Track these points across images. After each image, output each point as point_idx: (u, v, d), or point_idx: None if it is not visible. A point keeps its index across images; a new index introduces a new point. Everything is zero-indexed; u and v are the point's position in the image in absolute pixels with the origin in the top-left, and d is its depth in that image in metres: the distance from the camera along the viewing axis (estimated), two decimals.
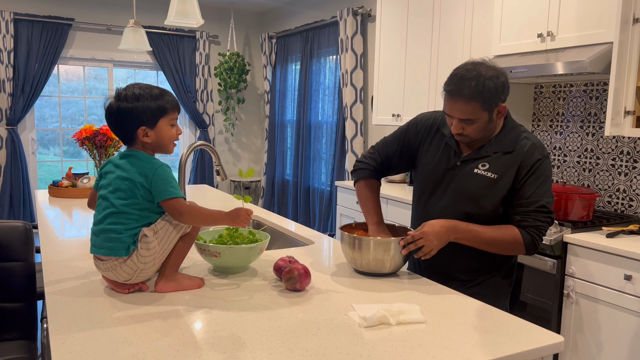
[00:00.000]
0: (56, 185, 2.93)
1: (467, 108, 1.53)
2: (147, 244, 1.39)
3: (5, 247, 1.82)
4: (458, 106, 1.54)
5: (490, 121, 1.58)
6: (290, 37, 5.94)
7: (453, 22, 3.35)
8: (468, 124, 1.56)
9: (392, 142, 1.82)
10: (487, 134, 1.62)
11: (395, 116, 3.91)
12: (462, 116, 1.55)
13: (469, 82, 1.52)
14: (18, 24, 5.28)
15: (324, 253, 1.90)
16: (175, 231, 1.43)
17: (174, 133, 1.47)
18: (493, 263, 1.68)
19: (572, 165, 3.01)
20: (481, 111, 1.54)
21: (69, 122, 7.81)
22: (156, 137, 1.43)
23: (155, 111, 1.42)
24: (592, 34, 2.47)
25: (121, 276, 1.40)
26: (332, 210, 5.20)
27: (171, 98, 1.45)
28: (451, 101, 1.56)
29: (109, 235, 1.38)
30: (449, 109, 1.58)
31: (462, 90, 1.52)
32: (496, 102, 1.55)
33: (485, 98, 1.52)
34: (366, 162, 1.85)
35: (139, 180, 1.38)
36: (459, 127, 1.58)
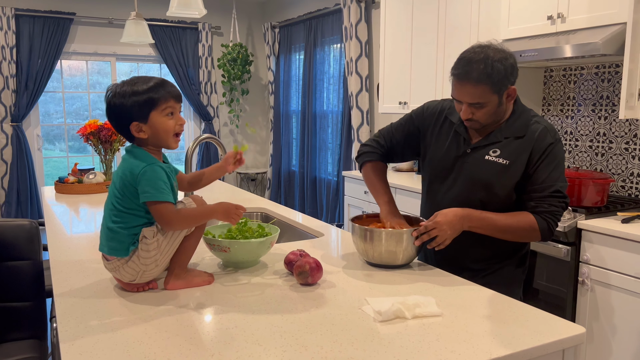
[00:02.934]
0: (62, 182, 2.91)
1: (476, 91, 1.49)
2: (146, 245, 1.34)
3: (12, 246, 1.81)
4: (467, 90, 1.50)
5: (500, 104, 1.54)
6: (293, 26, 5.87)
7: (459, 6, 3.28)
8: (478, 108, 1.52)
9: (398, 129, 1.79)
10: (497, 119, 1.57)
11: (402, 104, 3.86)
12: (472, 100, 1.51)
13: (477, 64, 1.48)
14: (19, 20, 5.25)
15: (334, 245, 1.87)
16: (177, 231, 1.39)
17: (171, 124, 1.36)
18: (506, 251, 1.65)
19: (584, 150, 2.96)
20: (491, 94, 1.50)
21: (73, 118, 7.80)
22: (151, 131, 1.34)
23: (143, 104, 1.32)
24: (604, 15, 2.40)
25: (125, 277, 1.37)
26: (339, 201, 5.17)
27: (164, 88, 1.35)
28: (459, 85, 1.52)
29: (110, 233, 1.35)
30: (458, 93, 1.53)
31: (471, 74, 1.48)
32: (505, 84, 1.51)
33: (494, 80, 1.48)
34: (371, 146, 1.83)
35: (129, 178, 1.32)
36: (468, 112, 1.54)
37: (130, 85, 1.34)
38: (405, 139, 1.78)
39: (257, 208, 2.56)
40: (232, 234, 1.60)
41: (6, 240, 1.80)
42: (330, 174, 5.40)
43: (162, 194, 1.31)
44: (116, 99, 1.34)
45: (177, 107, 1.39)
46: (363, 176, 1.83)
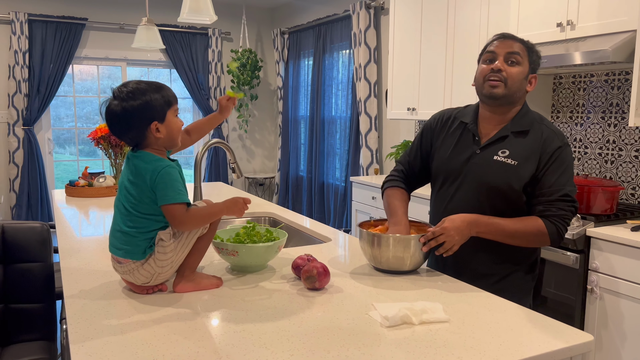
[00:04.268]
0: (73, 185, 2.94)
1: (517, 45, 1.59)
2: (163, 247, 1.36)
3: (24, 248, 1.83)
4: (507, 43, 1.60)
5: (526, 79, 1.60)
6: (303, 32, 5.90)
7: (468, 13, 3.29)
8: (512, 65, 1.58)
9: (412, 149, 1.83)
10: (516, 97, 1.60)
11: (411, 110, 3.86)
12: (511, 49, 1.58)
13: (518, 38, 1.61)
14: (32, 25, 5.32)
15: (342, 250, 1.88)
16: (192, 232, 1.41)
17: (180, 124, 1.41)
18: (515, 258, 1.65)
19: (594, 157, 2.94)
20: (527, 59, 1.60)
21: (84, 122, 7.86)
22: (167, 130, 1.36)
23: (163, 103, 1.35)
24: (614, 22, 2.40)
25: (139, 279, 1.38)
26: (347, 206, 5.17)
27: (170, 90, 1.41)
28: (500, 41, 1.61)
29: (125, 237, 1.36)
30: (496, 47, 1.60)
31: (514, 37, 1.60)
32: (535, 65, 1.62)
33: (531, 50, 1.60)
34: (392, 175, 1.85)
35: (147, 184, 1.33)
36: (501, 65, 1.57)
37: (138, 85, 1.35)
38: (421, 156, 1.79)
39: (265, 213, 2.57)
40: (240, 238, 1.62)
41: (18, 243, 1.82)
42: (338, 180, 5.40)
43: (180, 195, 1.33)
44: (134, 100, 1.32)
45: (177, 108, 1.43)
46: (383, 204, 1.82)
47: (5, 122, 5.42)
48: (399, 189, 1.80)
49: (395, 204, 1.74)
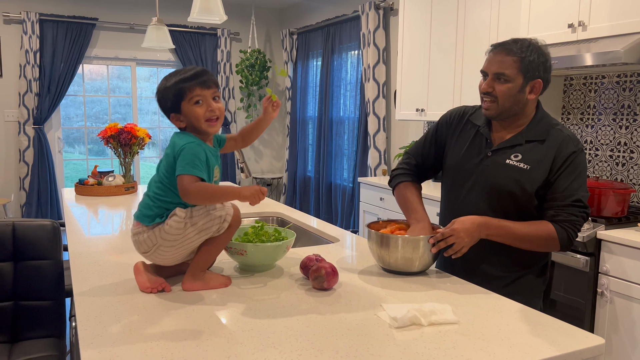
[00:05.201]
0: (82, 184, 2.96)
1: (506, 61, 1.52)
2: (175, 222, 1.38)
3: (34, 245, 1.84)
4: (497, 58, 1.54)
5: (522, 92, 1.53)
6: (311, 33, 5.90)
7: (478, 14, 3.27)
8: (500, 83, 1.53)
9: (425, 141, 1.79)
10: (515, 108, 1.56)
11: (420, 111, 3.85)
12: (498, 69, 1.53)
13: (517, 42, 1.54)
14: (43, 25, 5.36)
15: (350, 251, 1.87)
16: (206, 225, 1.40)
17: (199, 112, 1.39)
18: (525, 261, 1.63)
19: (605, 160, 2.92)
20: (517, 71, 1.51)
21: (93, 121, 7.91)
22: (187, 120, 1.42)
23: (173, 98, 1.40)
24: (626, 23, 2.38)
25: (141, 246, 1.42)
26: (354, 207, 5.16)
27: (191, 79, 1.40)
28: (492, 55, 1.56)
29: (146, 201, 1.43)
30: (487, 64, 1.57)
31: (508, 45, 1.54)
32: (535, 73, 1.53)
33: (526, 60, 1.51)
34: (402, 168, 1.82)
35: (173, 155, 1.39)
36: (489, 85, 1.55)
37: (166, 80, 1.43)
38: (436, 149, 1.77)
39: (273, 212, 2.57)
40: (248, 238, 1.62)
41: (29, 240, 1.83)
42: (345, 180, 5.40)
43: (195, 168, 1.35)
44: (158, 95, 1.45)
45: (204, 94, 1.41)
46: (396, 199, 1.80)
47: (16, 121, 5.47)
48: (412, 184, 1.78)
49: (412, 199, 1.73)
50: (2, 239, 1.80)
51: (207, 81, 1.41)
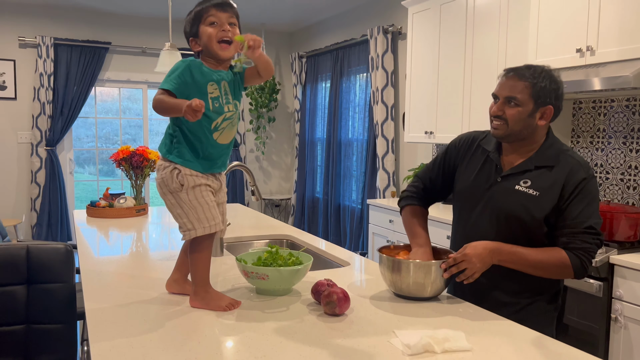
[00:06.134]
0: (94, 206, 2.98)
1: (517, 86, 1.53)
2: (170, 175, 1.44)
3: (48, 268, 1.85)
4: (509, 83, 1.55)
5: (532, 116, 1.54)
6: (320, 56, 5.98)
7: (486, 38, 3.31)
8: (511, 106, 1.54)
9: (434, 166, 1.80)
10: (524, 132, 1.56)
11: (429, 133, 3.87)
12: (509, 92, 1.54)
13: (530, 68, 1.55)
14: (58, 49, 5.47)
15: (361, 275, 1.87)
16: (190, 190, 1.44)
17: (211, 31, 1.41)
18: (537, 287, 1.62)
19: (616, 183, 2.91)
20: (528, 96, 1.53)
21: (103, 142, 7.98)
22: (202, 43, 1.44)
23: (192, 22, 1.45)
24: (634, 48, 2.39)
25: (160, 176, 1.46)
26: (363, 229, 5.15)
27: (213, 1, 1.42)
28: (504, 79, 1.58)
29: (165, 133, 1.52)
30: (499, 87, 1.58)
31: (520, 70, 1.55)
32: (546, 99, 1.54)
33: (538, 85, 1.52)
34: (410, 191, 1.84)
35: None
36: (500, 108, 1.56)
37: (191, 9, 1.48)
38: (443, 174, 1.78)
39: (283, 235, 2.57)
40: (263, 262, 1.62)
41: (42, 263, 1.85)
42: (354, 202, 5.40)
43: (165, 82, 1.39)
44: (184, 26, 1.49)
45: (221, 15, 1.43)
46: (402, 221, 1.82)
47: (29, 143, 5.55)
48: (418, 207, 1.80)
49: (416, 223, 1.75)
50: (17, 262, 1.82)
51: (224, 5, 1.44)
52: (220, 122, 1.45)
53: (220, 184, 1.55)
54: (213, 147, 1.46)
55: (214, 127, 1.44)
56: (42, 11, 5.48)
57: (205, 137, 1.44)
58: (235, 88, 1.49)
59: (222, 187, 1.57)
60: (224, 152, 1.52)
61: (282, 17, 5.86)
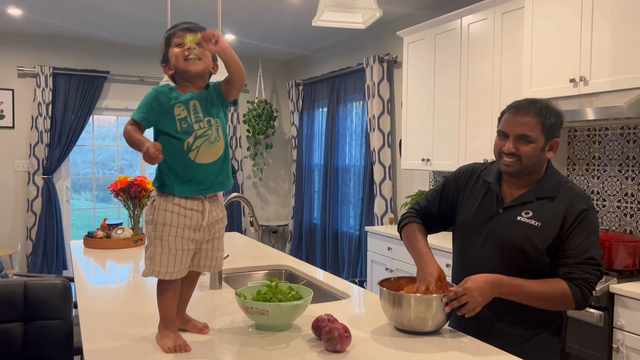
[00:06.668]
0: (91, 237, 2.97)
1: (529, 123, 1.53)
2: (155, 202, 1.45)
3: (45, 304, 1.84)
4: (520, 120, 1.54)
5: (543, 151, 1.57)
6: (317, 84, 6.04)
7: (481, 67, 3.36)
8: (524, 144, 1.54)
9: (434, 196, 1.81)
10: (535, 167, 1.58)
11: (425, 160, 3.89)
12: (522, 131, 1.54)
13: (535, 104, 1.56)
14: (56, 78, 5.51)
15: (362, 308, 1.86)
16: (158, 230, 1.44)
17: (176, 51, 1.41)
18: (541, 319, 1.61)
19: (613, 210, 2.92)
20: (540, 133, 1.54)
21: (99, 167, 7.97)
22: (172, 65, 1.44)
23: (164, 48, 1.46)
24: (627, 78, 2.43)
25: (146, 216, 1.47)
26: (361, 255, 5.13)
27: (181, 25, 1.44)
28: (513, 116, 1.56)
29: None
30: (509, 124, 1.57)
31: (528, 107, 1.55)
32: (554, 132, 1.57)
33: (548, 122, 1.54)
34: (410, 212, 1.84)
35: None
36: (513, 146, 1.55)
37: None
38: (440, 206, 1.79)
39: (281, 265, 2.56)
40: (263, 297, 1.61)
41: (39, 299, 1.83)
42: (352, 228, 5.39)
43: (135, 112, 1.42)
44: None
45: (186, 36, 1.43)
46: (403, 239, 1.81)
47: (25, 171, 5.54)
48: (419, 225, 1.79)
49: (418, 239, 1.73)
50: (14, 299, 1.80)
51: (191, 27, 1.44)
52: (193, 142, 1.40)
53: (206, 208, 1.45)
54: (195, 168, 1.42)
55: (187, 147, 1.40)
56: (41, 41, 5.54)
57: (181, 160, 1.41)
58: (208, 104, 1.44)
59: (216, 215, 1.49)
60: (210, 171, 1.45)
61: (279, 46, 5.94)
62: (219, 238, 1.54)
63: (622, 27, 2.45)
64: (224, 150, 1.46)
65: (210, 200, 1.48)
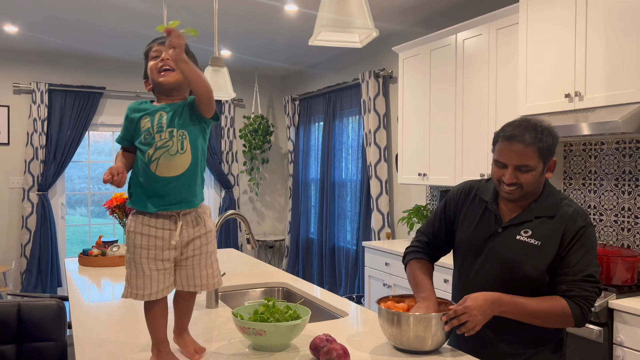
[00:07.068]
0: (86, 254, 2.94)
1: (526, 152, 1.50)
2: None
3: (39, 326, 1.81)
4: (516, 150, 1.51)
5: (542, 174, 1.56)
6: (313, 99, 6.06)
7: (476, 82, 3.37)
8: (523, 172, 1.53)
9: (434, 220, 1.80)
10: (536, 190, 1.58)
11: (422, 175, 3.89)
12: (520, 161, 1.51)
13: (529, 129, 1.52)
14: (52, 94, 5.51)
15: (360, 327, 1.84)
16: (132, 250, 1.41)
17: (153, 64, 1.42)
18: (541, 337, 1.60)
19: (610, 225, 2.92)
20: (538, 159, 1.52)
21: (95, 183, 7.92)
22: (150, 79, 1.45)
23: (144, 63, 1.46)
24: (622, 94, 2.45)
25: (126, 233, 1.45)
26: (358, 270, 5.11)
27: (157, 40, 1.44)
28: (508, 146, 1.52)
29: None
30: (505, 155, 1.53)
31: (523, 135, 1.51)
32: (551, 154, 1.55)
33: (543, 147, 1.51)
34: (414, 246, 1.82)
35: None
36: (513, 176, 1.53)
37: None
38: (446, 226, 1.77)
39: (278, 283, 2.54)
40: (260, 317, 1.59)
41: (33, 321, 1.80)
42: (349, 243, 5.37)
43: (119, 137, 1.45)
44: None
45: (162, 48, 1.41)
46: (407, 275, 1.79)
47: (20, 188, 5.51)
48: (423, 262, 1.77)
49: (421, 277, 1.71)
50: (7, 320, 1.77)
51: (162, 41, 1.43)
52: (152, 153, 1.36)
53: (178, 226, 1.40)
54: (155, 181, 1.37)
55: (148, 159, 1.37)
56: (37, 58, 5.54)
57: (145, 172, 1.37)
58: (176, 115, 1.39)
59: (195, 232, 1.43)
60: (173, 186, 1.38)
61: (275, 61, 5.97)
62: (201, 255, 1.45)
63: (617, 42, 2.47)
64: (192, 165, 1.39)
65: (185, 217, 1.42)
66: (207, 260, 1.46)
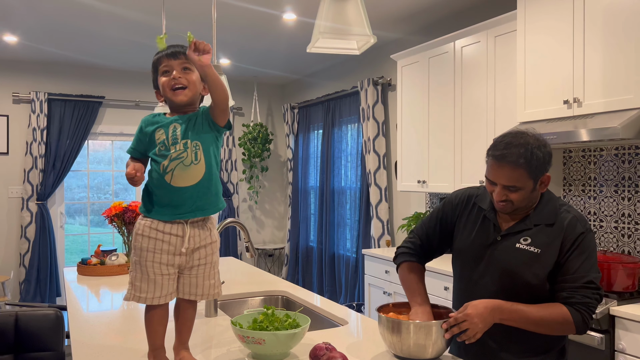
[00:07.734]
0: (85, 263, 2.93)
1: (514, 174, 1.50)
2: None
3: (37, 336, 1.79)
4: (504, 172, 1.51)
5: (534, 190, 1.55)
6: (312, 107, 6.07)
7: (475, 89, 3.38)
8: (512, 191, 1.53)
9: (430, 222, 1.79)
10: (529, 204, 1.58)
11: (421, 182, 3.89)
12: (508, 182, 1.51)
13: (517, 148, 1.50)
14: (52, 104, 5.52)
15: (359, 335, 1.83)
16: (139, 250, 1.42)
17: (164, 80, 1.42)
18: (543, 345, 1.59)
19: (610, 231, 2.91)
20: (527, 179, 1.51)
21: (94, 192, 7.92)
22: (162, 93, 1.45)
23: (153, 75, 1.47)
24: (620, 100, 2.45)
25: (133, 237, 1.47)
26: (358, 278, 5.09)
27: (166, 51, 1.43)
28: (497, 166, 1.52)
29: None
30: (494, 175, 1.54)
31: (511, 156, 1.50)
32: (542, 171, 1.53)
33: (532, 166, 1.50)
34: (406, 247, 1.81)
35: None
36: (502, 194, 1.54)
37: None
38: (440, 230, 1.77)
39: (277, 291, 2.53)
40: (259, 325, 1.58)
41: (31, 331, 1.79)
42: (349, 250, 5.35)
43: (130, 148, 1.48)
44: None
45: (172, 63, 1.42)
46: (399, 278, 1.79)
47: (19, 197, 5.50)
48: (415, 264, 1.77)
49: (415, 282, 1.71)
50: (5, 330, 1.76)
51: (176, 52, 1.43)
52: (167, 164, 1.39)
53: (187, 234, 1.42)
54: (171, 192, 1.40)
55: (163, 170, 1.40)
56: (36, 67, 5.56)
57: (159, 183, 1.40)
58: (190, 127, 1.42)
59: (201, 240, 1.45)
60: (188, 195, 1.41)
61: (274, 70, 5.99)
62: (205, 265, 1.46)
63: (615, 48, 2.48)
64: (206, 174, 1.42)
65: (193, 225, 1.44)
66: (211, 271, 1.48)
